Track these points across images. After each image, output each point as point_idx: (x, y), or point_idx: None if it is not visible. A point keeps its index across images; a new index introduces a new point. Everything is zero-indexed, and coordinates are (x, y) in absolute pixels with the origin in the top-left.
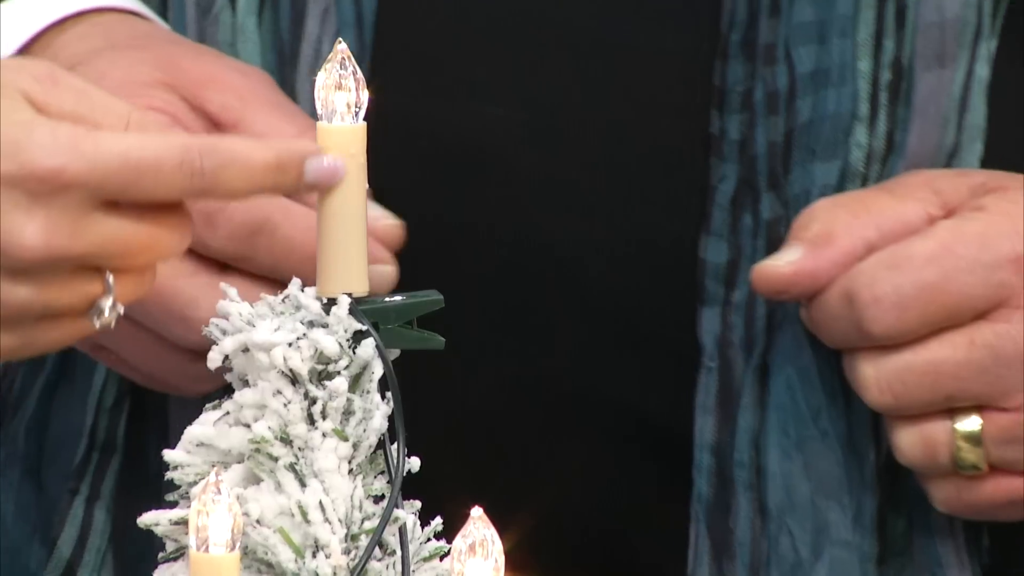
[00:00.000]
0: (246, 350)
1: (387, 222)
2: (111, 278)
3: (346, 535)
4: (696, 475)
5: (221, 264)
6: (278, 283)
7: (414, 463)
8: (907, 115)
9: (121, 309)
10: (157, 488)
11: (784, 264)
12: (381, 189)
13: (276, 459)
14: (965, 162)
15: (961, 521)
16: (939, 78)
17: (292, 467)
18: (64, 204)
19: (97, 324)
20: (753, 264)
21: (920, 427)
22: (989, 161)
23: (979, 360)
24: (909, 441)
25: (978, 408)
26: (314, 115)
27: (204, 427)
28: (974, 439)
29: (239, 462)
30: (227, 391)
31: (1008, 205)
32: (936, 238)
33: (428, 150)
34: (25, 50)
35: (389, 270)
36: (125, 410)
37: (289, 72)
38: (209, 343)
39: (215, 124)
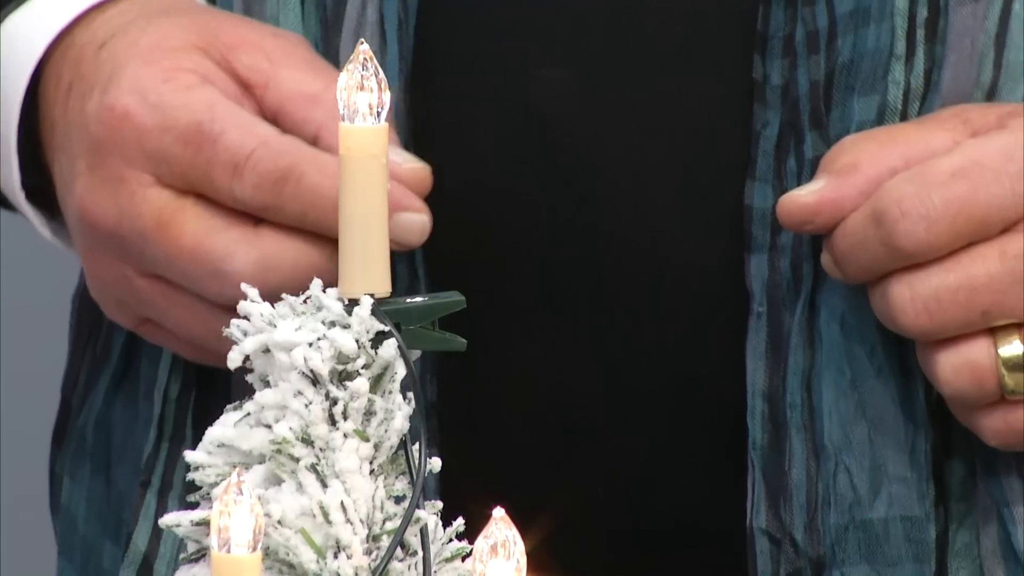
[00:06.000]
0: (267, 350)
1: (412, 165)
2: None
3: (368, 536)
4: (750, 422)
5: (253, 218)
6: (310, 235)
7: (435, 464)
8: (943, 53)
9: None
10: None
11: (807, 193)
12: (437, 158)
13: (297, 460)
14: (1005, 101)
15: None
16: (972, 12)
17: (313, 468)
18: None
19: None
20: None
21: (960, 350)
22: None
23: (1011, 271)
24: (952, 367)
25: (1017, 327)
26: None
27: (225, 428)
28: (1018, 364)
29: (260, 463)
30: None
31: None
32: (960, 153)
33: (480, 116)
34: (68, 31)
35: (422, 219)
36: (192, 400)
37: (333, 36)
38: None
39: (245, 85)
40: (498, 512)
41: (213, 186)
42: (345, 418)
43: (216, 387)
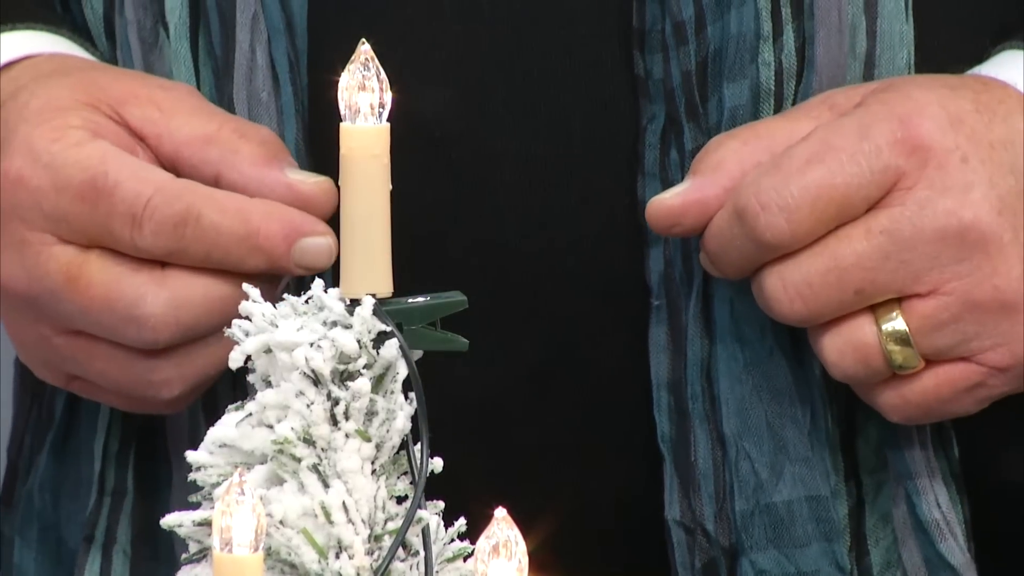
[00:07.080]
0: (269, 351)
1: (316, 180)
2: None
3: (369, 536)
4: (657, 415)
5: (159, 260)
6: (219, 273)
7: (437, 463)
8: (813, 28)
9: None
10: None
11: (672, 196)
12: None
13: (299, 460)
14: (887, 71)
15: (928, 432)
16: None
17: (315, 468)
18: None
19: None
20: None
21: (842, 331)
22: (925, 69)
23: (879, 247)
24: (837, 349)
25: (897, 302)
26: (256, 122)
27: (227, 428)
28: (902, 339)
29: (262, 463)
30: (208, 399)
31: (887, 95)
32: (814, 138)
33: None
34: None
35: (327, 242)
36: (132, 454)
37: (225, 84)
38: (162, 339)
39: (139, 137)
40: (500, 512)
41: (115, 238)
42: (347, 418)
43: (155, 440)
